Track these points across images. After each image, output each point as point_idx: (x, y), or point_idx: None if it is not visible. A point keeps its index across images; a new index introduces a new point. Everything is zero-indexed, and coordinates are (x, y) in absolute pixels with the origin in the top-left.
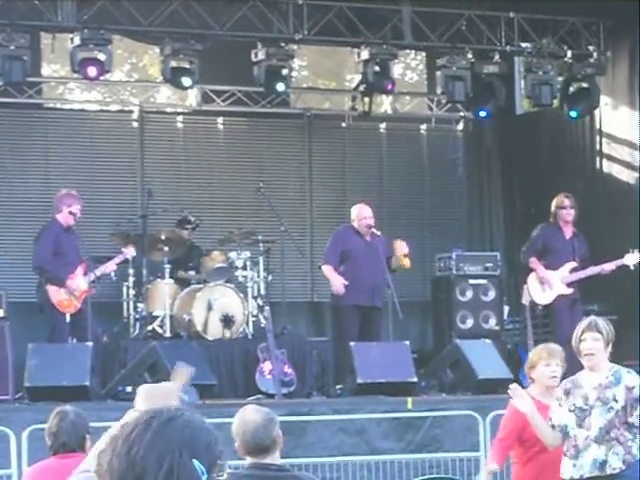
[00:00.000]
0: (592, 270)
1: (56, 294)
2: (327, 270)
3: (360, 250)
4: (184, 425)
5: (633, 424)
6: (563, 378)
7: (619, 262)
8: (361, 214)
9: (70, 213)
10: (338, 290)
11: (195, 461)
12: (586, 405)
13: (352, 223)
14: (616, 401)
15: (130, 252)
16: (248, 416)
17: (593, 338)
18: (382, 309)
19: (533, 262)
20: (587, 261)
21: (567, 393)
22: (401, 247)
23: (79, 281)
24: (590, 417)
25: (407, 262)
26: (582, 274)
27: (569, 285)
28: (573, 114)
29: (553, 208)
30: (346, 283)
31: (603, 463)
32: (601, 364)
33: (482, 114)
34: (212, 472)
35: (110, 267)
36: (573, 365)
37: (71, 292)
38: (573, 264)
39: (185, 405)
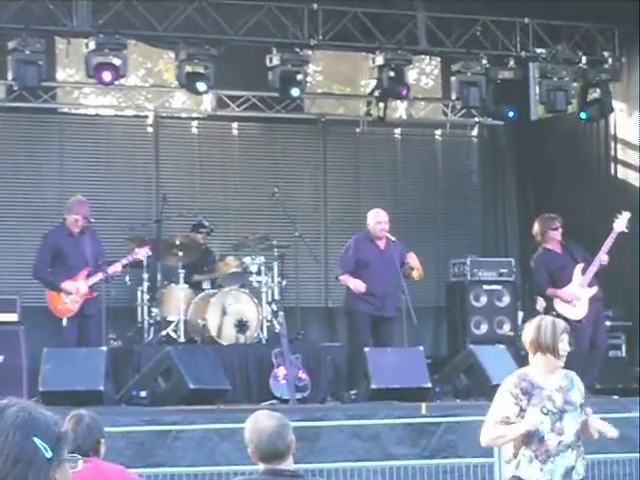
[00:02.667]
0: (597, 260)
1: (52, 299)
2: (344, 279)
3: (374, 258)
4: (18, 410)
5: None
6: None
7: (612, 235)
8: (377, 218)
9: (74, 220)
10: (359, 290)
11: (36, 439)
12: (555, 408)
13: (368, 228)
14: (578, 404)
15: (144, 252)
16: (262, 422)
17: (567, 340)
18: (393, 318)
19: (551, 292)
20: (590, 260)
21: (526, 393)
22: (411, 259)
23: (79, 284)
24: (562, 421)
25: (415, 275)
26: (593, 268)
27: (590, 285)
28: (583, 115)
29: (541, 231)
30: (363, 284)
31: (571, 469)
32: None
33: (510, 114)
34: (58, 450)
35: (117, 266)
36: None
37: (67, 295)
38: (579, 266)
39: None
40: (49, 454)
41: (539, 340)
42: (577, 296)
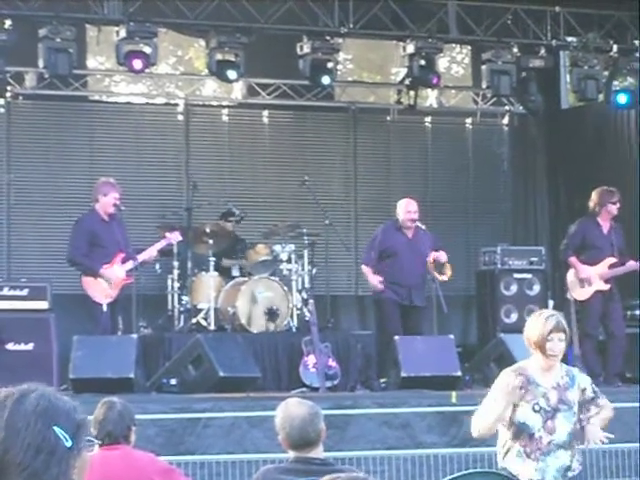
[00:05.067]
0: (632, 265)
1: (91, 285)
2: (364, 270)
3: (401, 247)
4: (38, 397)
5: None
6: None
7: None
8: (407, 208)
9: (108, 203)
10: (377, 289)
11: (56, 428)
12: (549, 407)
13: (397, 216)
14: (575, 404)
15: (175, 237)
16: (293, 410)
17: (559, 339)
18: (423, 307)
19: (573, 261)
20: (625, 254)
21: (520, 388)
22: (439, 258)
23: (116, 270)
24: (554, 420)
25: (443, 277)
26: (622, 270)
27: (607, 281)
28: (624, 98)
29: (598, 202)
30: (381, 280)
31: (567, 469)
32: (557, 364)
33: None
34: (78, 438)
35: (152, 251)
36: None
37: (106, 281)
38: (612, 260)
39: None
40: (69, 443)
41: (530, 338)
42: (590, 281)
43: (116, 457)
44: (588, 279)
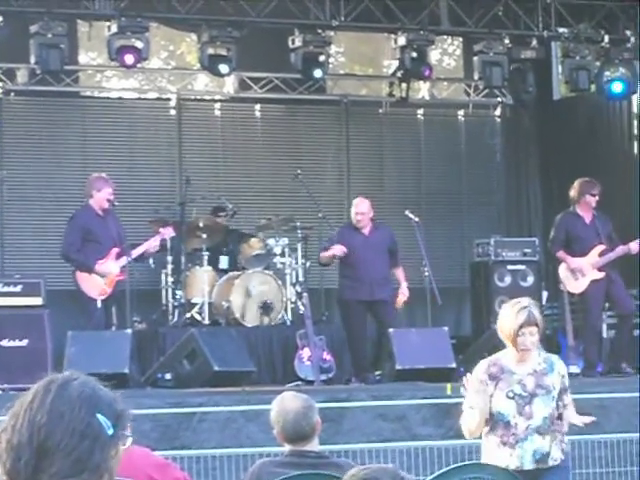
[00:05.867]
0: (622, 250)
1: (86, 281)
2: (323, 255)
3: (357, 246)
4: (82, 384)
5: (562, 413)
6: None
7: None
8: (356, 209)
9: (102, 198)
10: (340, 251)
11: (99, 415)
12: (525, 392)
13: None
14: (554, 389)
15: (168, 232)
16: (288, 404)
17: (531, 333)
18: (387, 301)
19: (561, 255)
20: (615, 240)
21: (494, 378)
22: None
23: (110, 265)
24: (531, 405)
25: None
26: (612, 255)
27: (600, 269)
28: (619, 86)
29: (578, 193)
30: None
31: (546, 455)
32: (533, 353)
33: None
34: (119, 427)
35: (150, 246)
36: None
37: (101, 277)
38: (601, 247)
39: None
40: (111, 431)
41: (502, 330)
42: (583, 272)
43: None
44: (580, 269)
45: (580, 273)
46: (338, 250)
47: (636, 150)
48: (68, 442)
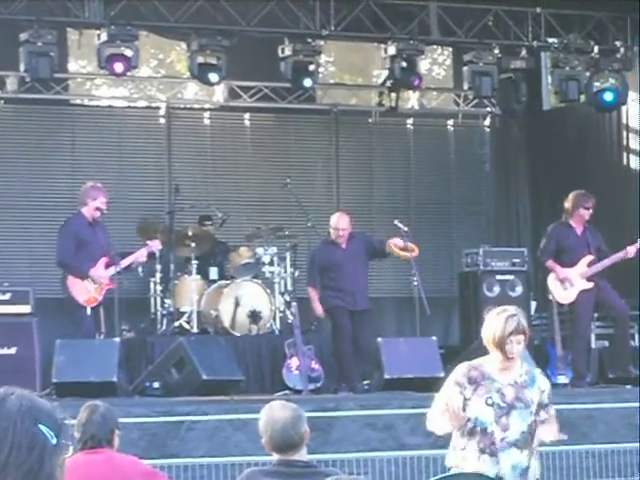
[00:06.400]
0: (614, 258)
1: (77, 288)
2: (310, 293)
3: (338, 259)
4: (19, 398)
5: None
6: None
7: (620, 255)
8: (336, 225)
9: (95, 207)
10: (317, 313)
11: (41, 426)
12: (503, 402)
13: (330, 231)
14: (533, 403)
15: (156, 245)
16: (276, 413)
17: (517, 342)
18: (367, 311)
19: (550, 264)
20: (604, 252)
21: (473, 382)
22: (395, 244)
23: (100, 273)
24: (509, 417)
25: (406, 255)
26: (600, 266)
27: (589, 279)
28: (610, 96)
29: (572, 206)
30: (322, 313)
31: (526, 469)
32: (516, 363)
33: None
34: (61, 436)
35: (139, 258)
36: None
37: (94, 283)
38: (590, 257)
39: None
40: (54, 440)
41: (488, 337)
42: (572, 282)
43: (100, 461)
44: (569, 279)
45: (569, 283)
46: (319, 310)
47: (625, 161)
48: (17, 455)
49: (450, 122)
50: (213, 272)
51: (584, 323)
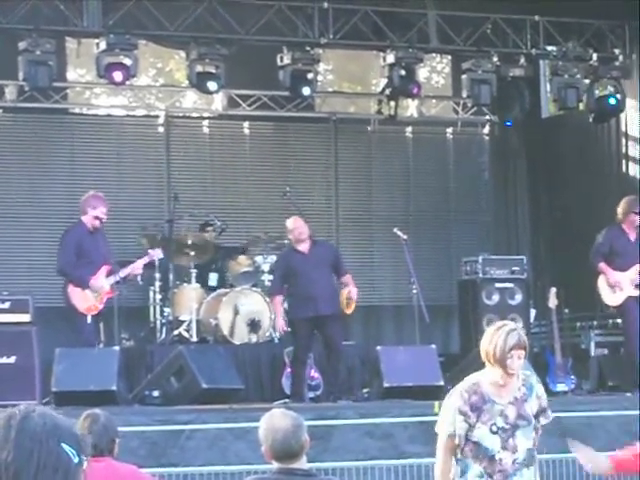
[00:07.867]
0: None
1: (78, 296)
2: (275, 302)
3: (299, 265)
4: (42, 416)
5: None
6: None
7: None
8: (291, 226)
9: (95, 216)
10: (278, 328)
11: (64, 445)
12: (507, 424)
13: (289, 235)
14: (533, 414)
15: (157, 254)
16: (277, 421)
17: (519, 356)
18: (332, 316)
19: (602, 267)
20: None
21: (475, 409)
22: (349, 292)
23: (101, 281)
24: (514, 438)
25: (348, 307)
26: None
27: (637, 287)
28: (612, 101)
29: (624, 211)
30: (286, 329)
31: None
32: (514, 377)
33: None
34: (82, 454)
35: (136, 268)
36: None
37: (94, 292)
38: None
39: None
40: (76, 459)
41: (488, 352)
42: (621, 286)
43: (100, 469)
44: (619, 284)
45: (618, 287)
46: (279, 326)
47: (624, 168)
48: (42, 477)
49: (449, 130)
50: (213, 278)
51: (633, 329)
